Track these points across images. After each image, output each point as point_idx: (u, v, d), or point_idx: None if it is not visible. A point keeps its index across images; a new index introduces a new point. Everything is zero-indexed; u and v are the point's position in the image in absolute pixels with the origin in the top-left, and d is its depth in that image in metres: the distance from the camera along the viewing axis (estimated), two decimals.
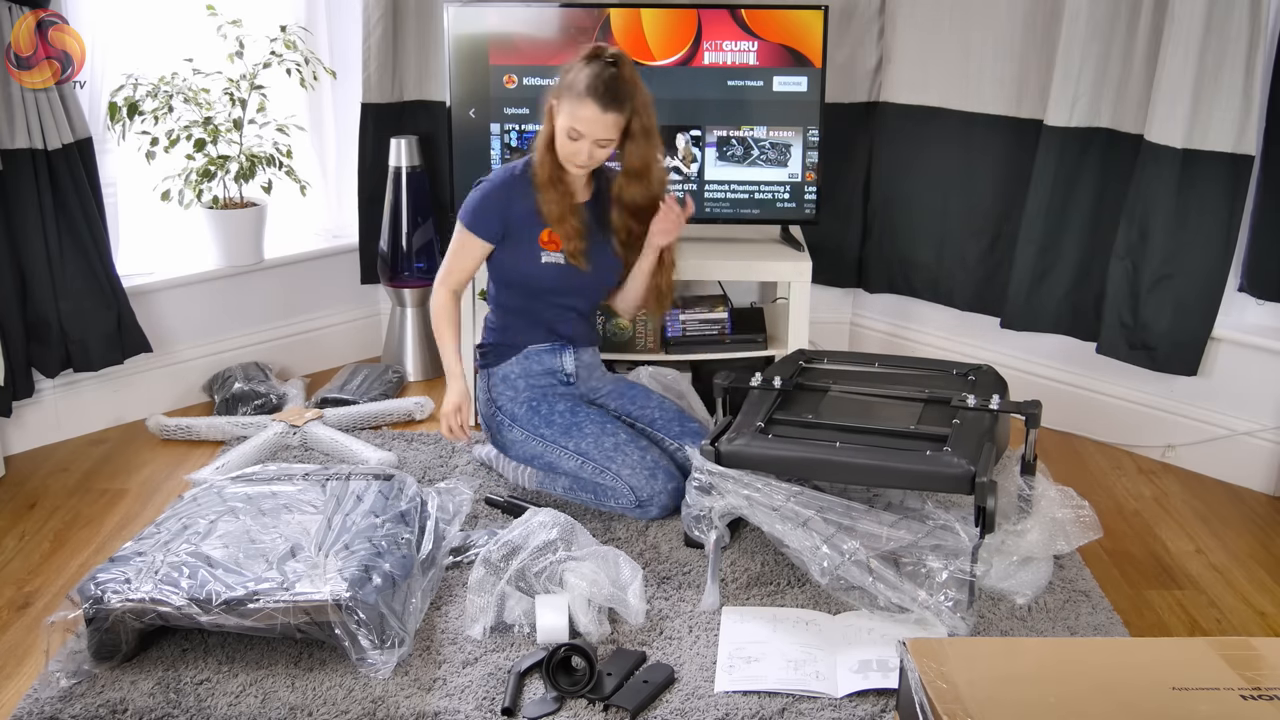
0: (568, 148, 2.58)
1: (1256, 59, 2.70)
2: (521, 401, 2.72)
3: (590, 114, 2.52)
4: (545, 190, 2.64)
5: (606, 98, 2.51)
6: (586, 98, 2.51)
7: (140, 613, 2.03)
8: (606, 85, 2.51)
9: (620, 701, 2.00)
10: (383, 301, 3.75)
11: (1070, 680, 1.67)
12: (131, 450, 3.09)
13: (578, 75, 2.54)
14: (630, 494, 2.58)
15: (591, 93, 2.51)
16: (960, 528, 2.23)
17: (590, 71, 2.53)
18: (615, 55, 2.56)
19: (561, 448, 2.65)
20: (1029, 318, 3.22)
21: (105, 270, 3.03)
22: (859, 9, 3.38)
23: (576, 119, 2.53)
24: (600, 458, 2.60)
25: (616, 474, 2.58)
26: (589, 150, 2.57)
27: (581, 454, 2.62)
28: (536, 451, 2.69)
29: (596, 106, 2.51)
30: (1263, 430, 2.94)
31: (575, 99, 2.53)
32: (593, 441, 2.62)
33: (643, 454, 2.60)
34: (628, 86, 2.56)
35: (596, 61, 2.55)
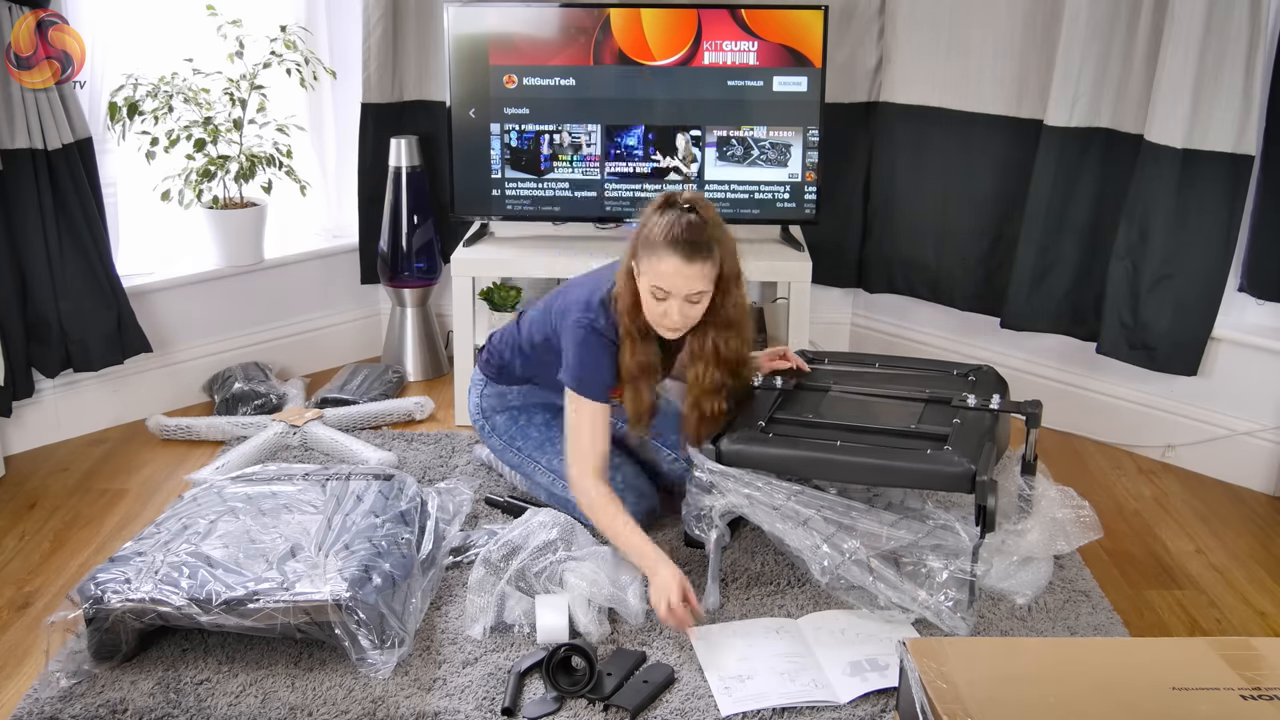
0: (654, 309, 2.29)
1: (1256, 59, 2.70)
2: (504, 409, 2.70)
3: (673, 268, 2.23)
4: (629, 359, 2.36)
5: (690, 247, 2.22)
6: (667, 250, 2.23)
7: (140, 613, 2.03)
8: (688, 232, 2.23)
9: (620, 701, 2.00)
10: (383, 301, 3.75)
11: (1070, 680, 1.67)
12: (131, 450, 3.09)
13: (653, 227, 2.27)
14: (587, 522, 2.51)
15: (672, 244, 2.22)
16: (960, 527, 2.23)
17: (667, 221, 2.25)
18: (691, 200, 2.30)
19: (535, 462, 2.63)
20: (1029, 318, 3.22)
21: (105, 270, 3.03)
22: (859, 9, 3.38)
23: (660, 275, 2.24)
24: (566, 474, 2.51)
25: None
26: (680, 309, 2.27)
27: (553, 471, 2.59)
28: (514, 462, 2.68)
29: (679, 259, 2.22)
30: (1263, 430, 2.94)
31: (654, 253, 2.24)
32: (563, 460, 2.52)
33: (612, 473, 2.48)
34: (712, 230, 2.28)
35: (672, 210, 2.28)
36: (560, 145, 3.19)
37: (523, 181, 3.22)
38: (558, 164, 3.20)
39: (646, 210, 2.35)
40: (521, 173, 3.21)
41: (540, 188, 3.23)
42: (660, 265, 2.24)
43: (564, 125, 3.17)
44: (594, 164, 3.20)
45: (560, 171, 3.21)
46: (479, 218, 3.32)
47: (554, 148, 3.19)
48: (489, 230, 3.38)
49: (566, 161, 3.20)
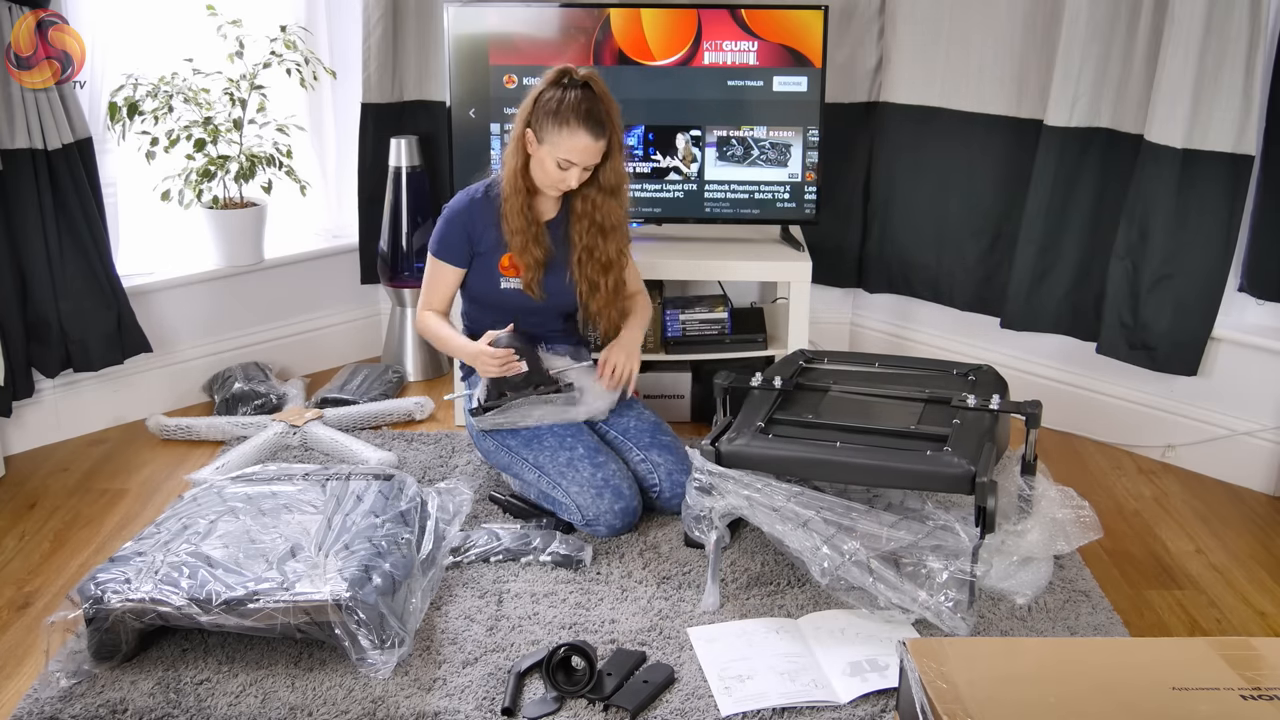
0: (554, 175, 2.56)
1: (1256, 59, 2.70)
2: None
3: (583, 143, 2.50)
4: (513, 218, 2.61)
5: (596, 125, 2.49)
6: (579, 127, 2.48)
7: (140, 613, 2.03)
8: (591, 111, 2.49)
9: (620, 701, 2.00)
10: (383, 301, 3.75)
11: (1070, 680, 1.67)
12: (131, 450, 3.09)
13: (558, 102, 2.50)
14: (578, 512, 2.55)
15: (581, 120, 2.48)
16: (960, 528, 2.23)
17: (571, 98, 2.49)
18: (586, 77, 2.53)
19: (523, 459, 2.64)
20: (1029, 318, 3.22)
21: (105, 270, 3.03)
22: (859, 9, 3.38)
23: (568, 149, 2.50)
24: (554, 472, 2.58)
25: (566, 490, 2.55)
26: (578, 176, 2.56)
27: (539, 467, 2.61)
28: (505, 461, 2.69)
29: (589, 135, 2.49)
30: (1263, 430, 2.94)
31: (563, 129, 2.49)
32: (549, 455, 2.59)
33: (594, 471, 2.55)
34: (606, 106, 2.52)
35: (572, 87, 2.51)
36: None
37: None
38: None
39: (541, 82, 2.56)
40: None
41: None
42: (572, 140, 2.49)
43: None
44: None
45: None
46: None
47: None
48: None
49: None
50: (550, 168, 2.55)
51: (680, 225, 3.29)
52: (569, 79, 2.53)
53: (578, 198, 2.67)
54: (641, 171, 3.20)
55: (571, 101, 2.49)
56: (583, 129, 2.49)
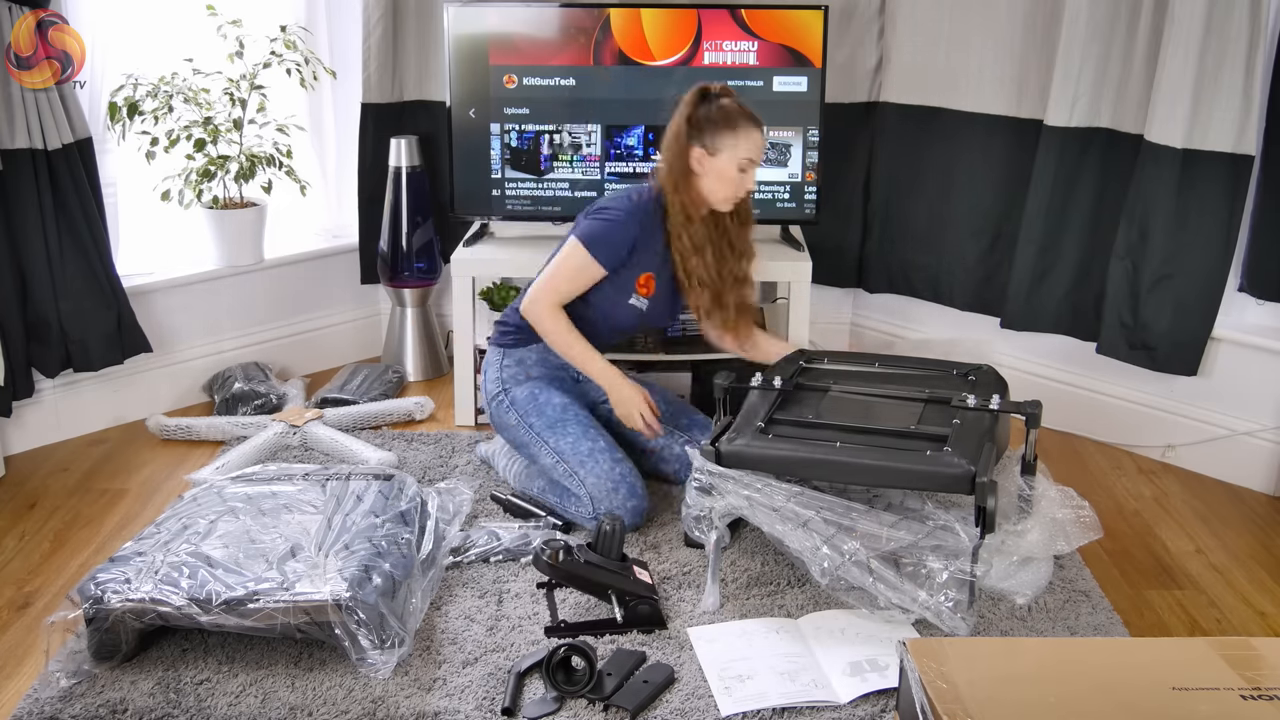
0: (734, 183, 2.60)
1: (1256, 59, 2.71)
2: (526, 386, 2.71)
3: (759, 138, 2.60)
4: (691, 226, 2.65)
5: (758, 120, 2.60)
6: (750, 125, 2.58)
7: (140, 613, 2.03)
8: (748, 110, 2.60)
9: (620, 701, 2.00)
10: (383, 301, 3.75)
11: (1070, 680, 1.67)
12: (131, 450, 3.09)
13: (720, 111, 2.58)
14: (590, 503, 2.55)
15: (750, 119, 2.58)
16: (960, 528, 2.23)
17: (726, 104, 2.59)
18: (724, 88, 2.63)
19: (543, 442, 2.64)
20: (1029, 318, 3.22)
21: (105, 270, 3.03)
22: (859, 9, 3.38)
23: (749, 147, 2.58)
24: (573, 461, 2.59)
25: (582, 481, 2.57)
26: (753, 176, 2.63)
27: (558, 453, 2.61)
28: (523, 440, 2.68)
29: (758, 130, 2.59)
30: (1263, 430, 2.94)
31: (736, 130, 2.57)
32: (570, 443, 2.61)
33: (613, 466, 2.57)
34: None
35: (719, 97, 2.60)
36: (560, 145, 3.19)
37: (523, 181, 3.22)
38: (558, 164, 3.20)
39: (685, 105, 2.61)
40: (521, 173, 3.21)
41: (540, 188, 3.23)
42: (749, 138, 2.58)
43: (564, 125, 3.17)
44: (594, 164, 3.20)
45: (560, 171, 3.21)
46: (479, 218, 3.32)
47: (554, 148, 3.19)
48: (489, 230, 3.38)
49: (566, 161, 3.20)
50: (731, 174, 2.59)
51: None
52: (711, 92, 2.61)
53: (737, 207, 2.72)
54: (642, 172, 3.19)
55: (731, 106, 2.59)
56: (754, 125, 2.59)
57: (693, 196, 2.63)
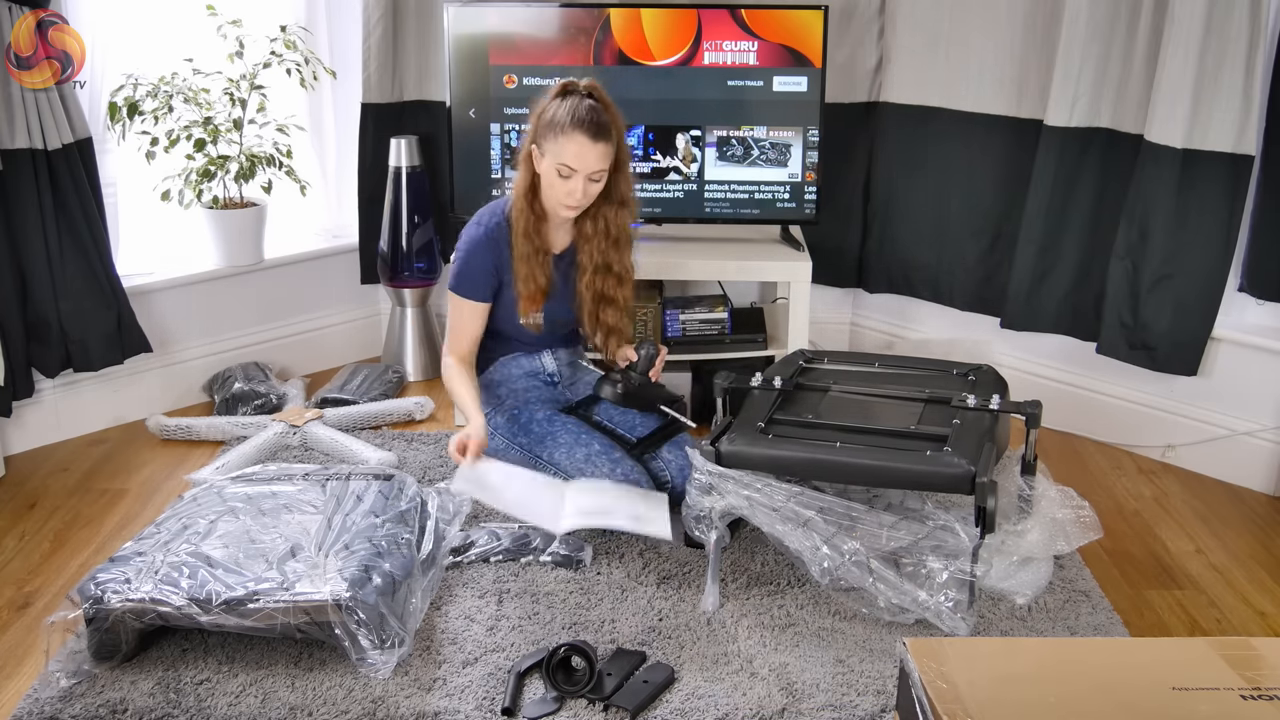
0: (559, 189, 2.51)
1: (1256, 59, 2.71)
2: (504, 410, 2.71)
3: (580, 147, 2.46)
4: (519, 243, 2.59)
5: (594, 128, 2.46)
6: (574, 131, 2.45)
7: (140, 613, 2.03)
8: (590, 116, 2.46)
9: (620, 701, 2.00)
10: (383, 301, 3.75)
11: (1070, 680, 1.67)
12: (131, 450, 3.09)
13: (556, 112, 2.48)
14: None
15: (578, 125, 2.45)
16: (960, 528, 2.23)
17: (569, 105, 2.48)
18: (589, 86, 2.52)
19: (536, 457, 2.63)
20: (1029, 318, 3.22)
21: (105, 270, 3.03)
22: (859, 9, 3.38)
23: (567, 155, 2.47)
24: (572, 469, 2.57)
25: None
26: (583, 188, 2.51)
27: (554, 464, 2.60)
28: (516, 460, 2.67)
29: (586, 138, 2.45)
30: (1263, 430, 2.94)
31: (561, 135, 2.46)
32: (565, 452, 2.59)
33: (613, 467, 2.55)
34: (610, 115, 2.51)
35: (572, 96, 2.50)
36: None
37: None
38: None
39: (545, 97, 2.55)
40: None
41: None
42: (569, 145, 2.46)
43: None
44: None
45: None
46: None
47: None
48: None
49: None
50: (555, 181, 2.51)
51: (680, 225, 3.29)
52: (570, 90, 2.52)
53: (588, 218, 2.64)
54: (641, 171, 3.20)
55: (569, 107, 2.48)
56: (579, 132, 2.45)
57: (537, 199, 2.56)
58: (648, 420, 2.72)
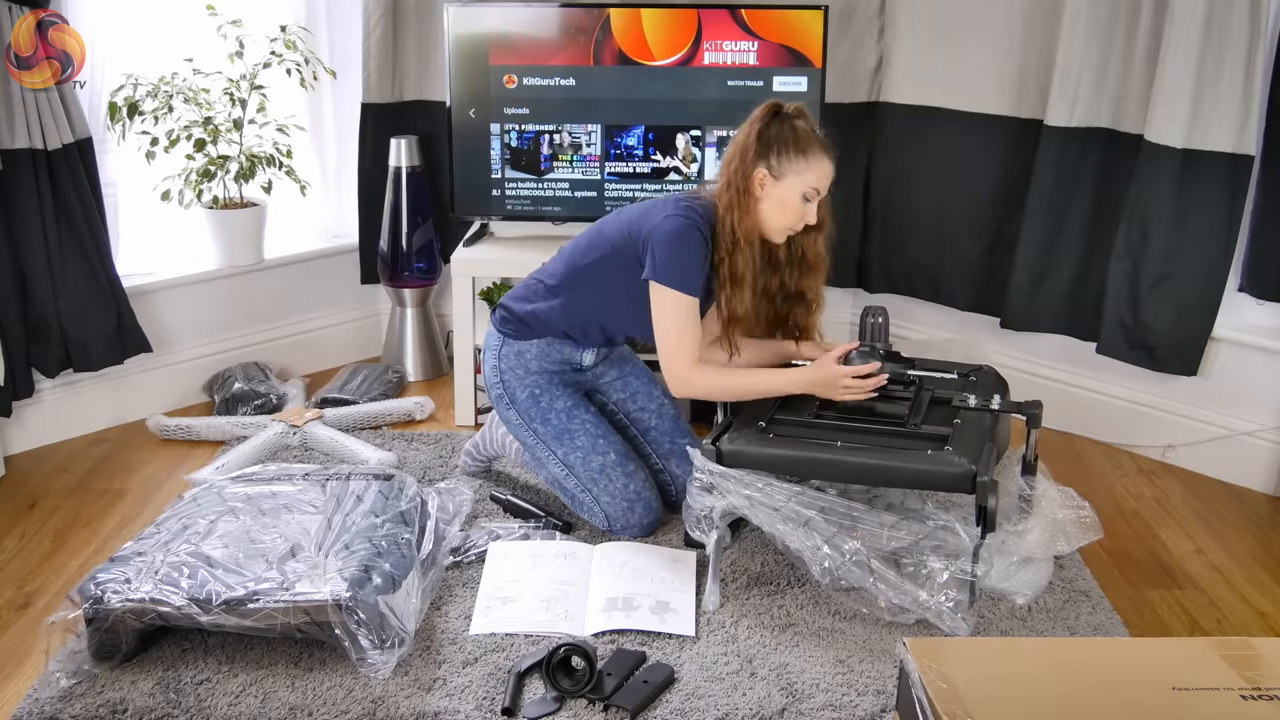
0: (795, 212, 2.41)
1: (1256, 59, 2.71)
2: (526, 385, 2.61)
3: (828, 169, 2.41)
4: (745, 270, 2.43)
5: (831, 149, 2.43)
6: (821, 155, 2.40)
7: (140, 613, 2.03)
8: (825, 138, 2.43)
9: (620, 701, 2.00)
10: (383, 301, 3.75)
11: (1070, 680, 1.67)
12: (131, 450, 3.09)
13: (793, 132, 2.39)
14: (605, 519, 2.55)
15: (825, 148, 2.41)
16: (961, 528, 2.23)
17: (800, 127, 2.40)
18: (799, 107, 2.45)
19: (551, 451, 2.60)
20: (1029, 318, 3.22)
21: (105, 270, 3.03)
22: (859, 9, 3.38)
23: (818, 177, 2.40)
24: (585, 477, 2.55)
25: (596, 498, 2.54)
26: (818, 208, 2.44)
27: (568, 466, 2.57)
28: (527, 441, 2.63)
29: (829, 160, 2.42)
30: (1263, 430, 2.94)
31: (806, 158, 2.38)
32: (581, 457, 2.55)
33: (627, 482, 2.53)
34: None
35: (792, 118, 2.41)
36: (560, 145, 3.19)
37: (523, 181, 3.22)
38: (558, 164, 3.20)
39: (756, 117, 2.42)
40: (521, 173, 3.21)
41: (540, 188, 3.23)
42: (819, 167, 2.40)
43: (564, 125, 3.17)
44: (594, 164, 3.20)
45: (560, 171, 3.21)
46: (479, 218, 3.32)
47: (554, 148, 3.19)
48: (489, 230, 3.38)
49: (566, 161, 3.20)
50: (794, 203, 2.40)
51: None
52: (784, 111, 2.43)
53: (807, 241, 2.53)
54: (641, 171, 3.20)
55: (805, 130, 2.41)
56: (825, 155, 2.41)
57: (747, 221, 2.41)
58: (662, 423, 2.70)
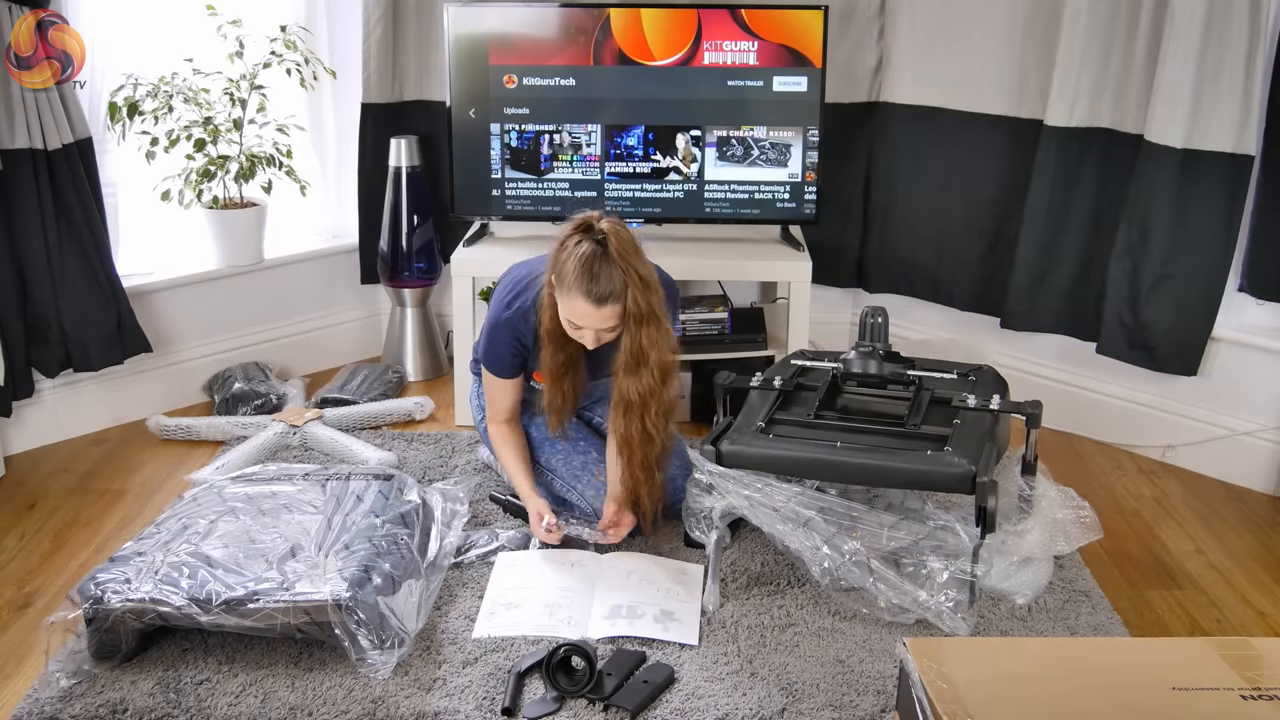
0: (572, 332, 2.39)
1: (1256, 59, 2.71)
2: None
3: (584, 310, 2.30)
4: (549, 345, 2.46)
5: (596, 293, 2.27)
6: (576, 293, 2.28)
7: (140, 613, 2.03)
8: (593, 276, 2.26)
9: (620, 701, 2.00)
10: (383, 301, 3.75)
11: (1070, 680, 1.67)
12: (131, 450, 3.09)
13: (567, 261, 2.30)
14: (593, 515, 2.55)
15: (579, 286, 2.27)
16: (961, 528, 2.23)
17: (577, 256, 2.28)
18: (604, 232, 2.30)
19: (534, 461, 2.63)
20: (1029, 318, 3.22)
21: (105, 270, 3.03)
22: (859, 9, 3.38)
23: (572, 313, 2.33)
24: (568, 476, 2.58)
25: (581, 494, 2.57)
26: (594, 337, 2.37)
27: (551, 470, 2.61)
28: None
29: (589, 303, 2.29)
30: (1263, 430, 2.94)
31: (567, 292, 2.30)
32: (562, 459, 2.60)
33: (601, 486, 2.56)
34: (617, 270, 2.28)
35: (586, 241, 2.30)
36: (560, 145, 3.19)
37: (523, 181, 3.22)
38: (558, 164, 3.20)
39: (565, 229, 2.36)
40: (521, 173, 3.21)
41: (540, 188, 3.23)
42: (573, 304, 2.32)
43: (564, 125, 3.17)
44: (594, 164, 3.20)
45: (560, 171, 3.21)
46: (479, 218, 3.32)
47: (554, 148, 3.19)
48: (489, 230, 3.38)
49: (566, 161, 3.20)
50: (566, 324, 2.39)
51: (680, 225, 3.29)
52: (586, 229, 2.33)
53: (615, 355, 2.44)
54: (641, 171, 3.20)
55: (576, 264, 2.28)
56: (580, 295, 2.29)
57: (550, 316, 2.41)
58: None
